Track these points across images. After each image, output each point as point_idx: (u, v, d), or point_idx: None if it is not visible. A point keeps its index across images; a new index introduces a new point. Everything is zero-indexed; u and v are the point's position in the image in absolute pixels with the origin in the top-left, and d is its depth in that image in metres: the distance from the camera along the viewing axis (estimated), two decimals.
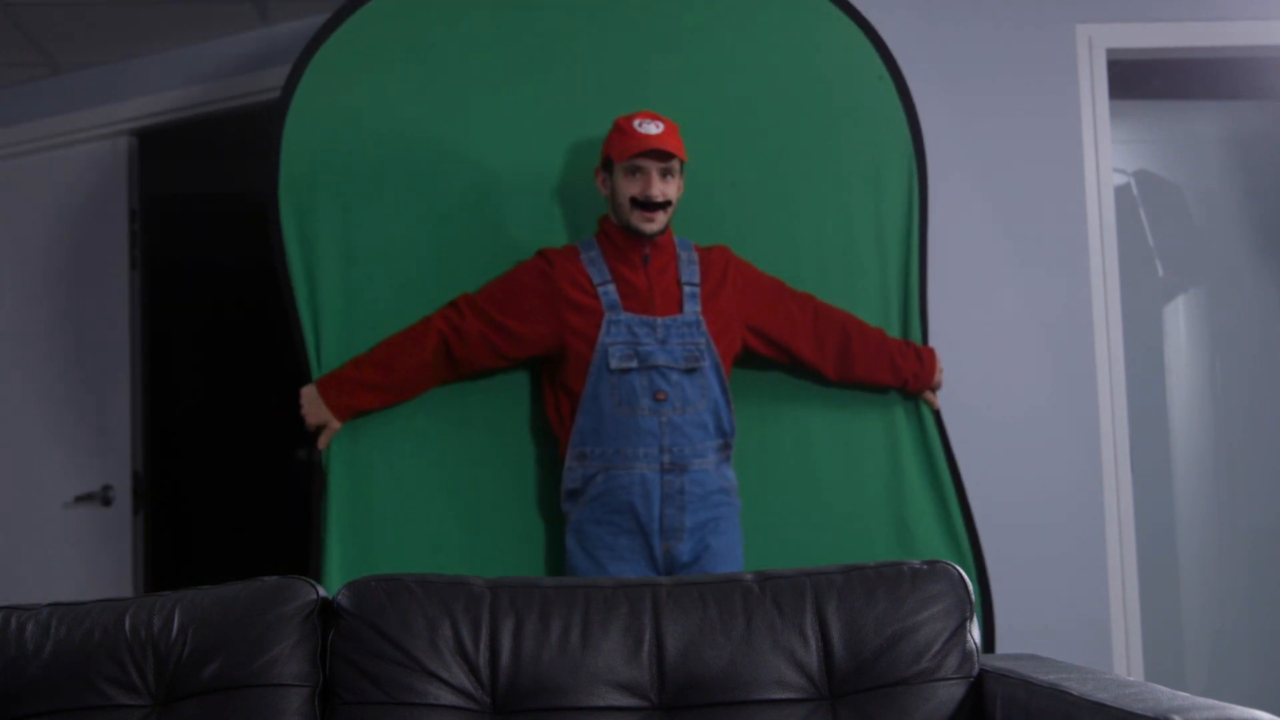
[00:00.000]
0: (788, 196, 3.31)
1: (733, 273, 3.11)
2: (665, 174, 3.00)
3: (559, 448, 3.05)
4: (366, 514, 3.10)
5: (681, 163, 3.04)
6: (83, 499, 4.28)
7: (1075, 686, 1.90)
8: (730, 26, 3.35)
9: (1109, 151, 3.76)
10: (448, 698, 2.08)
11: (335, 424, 3.08)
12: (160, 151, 4.76)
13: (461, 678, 2.09)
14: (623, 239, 3.04)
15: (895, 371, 3.22)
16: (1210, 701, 1.74)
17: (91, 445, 4.32)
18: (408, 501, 3.12)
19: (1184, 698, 1.78)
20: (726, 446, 3.04)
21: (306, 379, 3.13)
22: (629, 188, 2.99)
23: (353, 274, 3.16)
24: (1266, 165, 4.23)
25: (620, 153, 3.00)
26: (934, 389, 3.28)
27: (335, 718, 2.10)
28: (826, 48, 3.37)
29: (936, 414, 3.29)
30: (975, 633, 2.16)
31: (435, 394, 3.10)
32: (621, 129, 3.02)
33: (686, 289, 3.03)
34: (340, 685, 2.10)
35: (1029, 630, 3.32)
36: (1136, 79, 4.13)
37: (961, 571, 2.20)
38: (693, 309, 3.02)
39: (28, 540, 4.36)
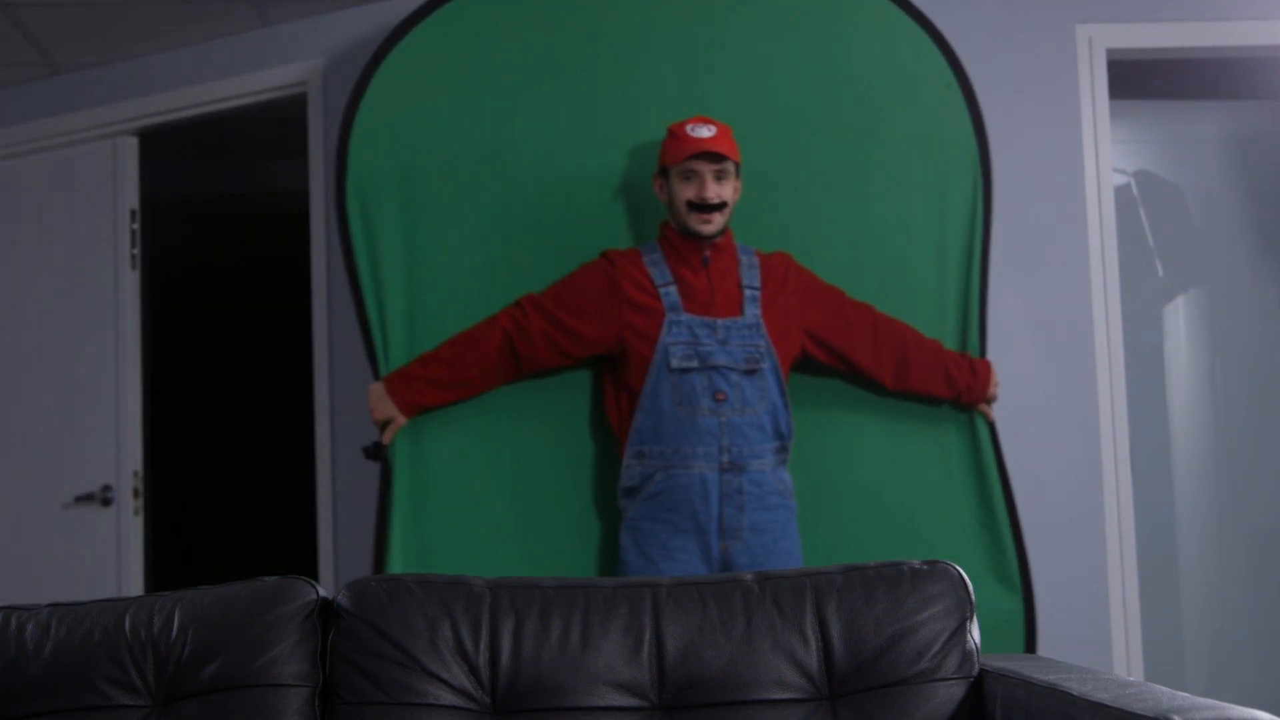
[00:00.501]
0: (851, 204, 3.33)
1: (793, 279, 3.15)
2: (720, 176, 3.04)
3: (618, 446, 3.09)
4: (429, 508, 3.18)
5: (736, 165, 3.07)
6: (83, 499, 4.28)
7: (1075, 686, 1.90)
8: (795, 31, 3.37)
9: (1109, 151, 3.76)
10: (448, 698, 2.08)
11: (401, 419, 3.16)
12: (160, 151, 4.76)
13: (461, 678, 2.09)
14: (683, 242, 3.08)
15: (950, 384, 3.25)
16: (1210, 701, 1.74)
17: (91, 445, 4.32)
18: (468, 496, 3.20)
19: (1184, 698, 1.78)
20: (784, 449, 3.07)
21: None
22: (684, 191, 3.04)
23: (418, 275, 3.23)
24: (1266, 165, 4.23)
25: (673, 157, 3.05)
26: (989, 401, 3.31)
27: (335, 718, 2.10)
28: (895, 55, 3.39)
29: (991, 426, 3.31)
30: (975, 633, 2.16)
31: (497, 391, 3.16)
32: (674, 134, 3.07)
33: (747, 292, 3.07)
34: (340, 685, 2.10)
35: None
36: (1136, 79, 4.13)
37: (961, 571, 2.20)
38: (753, 312, 3.05)
39: (28, 540, 4.36)
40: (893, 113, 3.35)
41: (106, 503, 4.25)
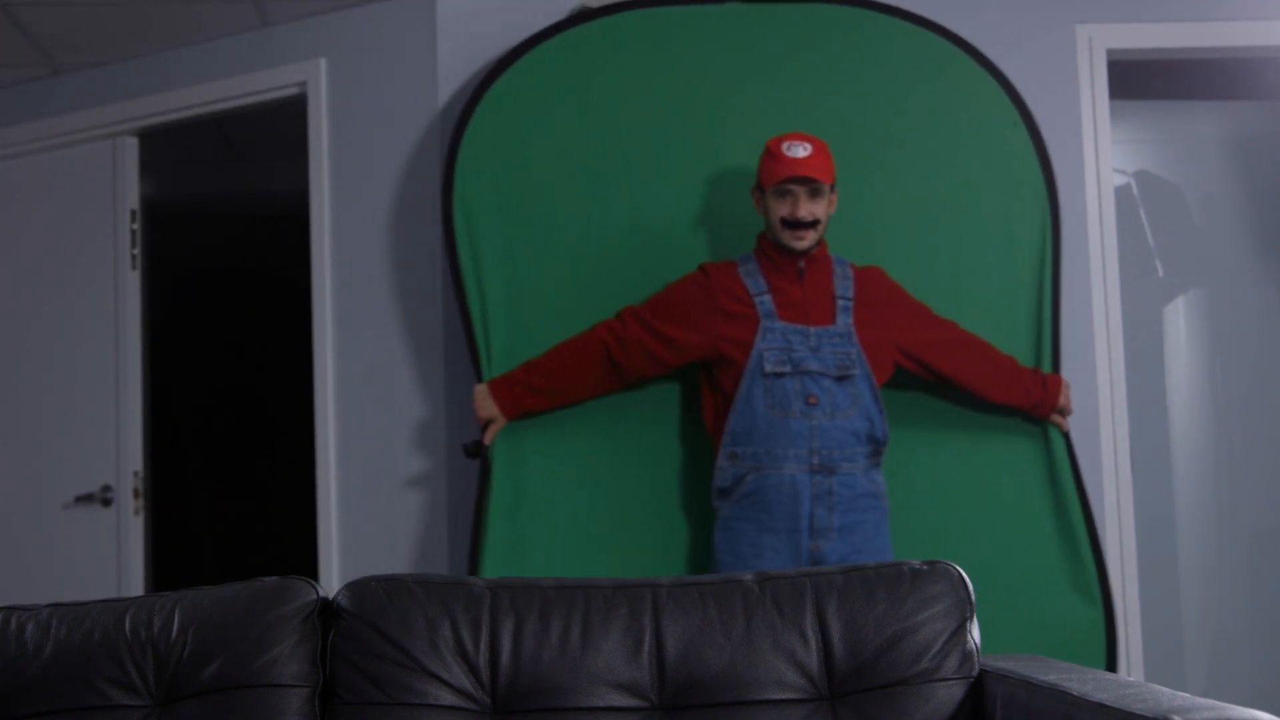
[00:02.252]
0: (927, 230, 3.52)
1: (885, 292, 3.28)
2: (814, 194, 3.15)
3: (712, 448, 3.21)
4: (524, 507, 3.37)
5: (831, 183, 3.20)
6: (83, 499, 4.28)
7: (1075, 686, 1.90)
8: (869, 71, 3.58)
9: (1109, 151, 3.76)
10: (448, 698, 2.08)
11: (502, 420, 3.34)
12: (160, 151, 4.76)
13: (461, 678, 2.09)
14: (778, 254, 3.20)
15: (1025, 395, 3.40)
16: (1210, 702, 1.74)
17: (91, 445, 4.32)
18: (563, 496, 3.39)
19: (1184, 698, 1.78)
20: (877, 453, 3.17)
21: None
22: (779, 208, 3.15)
23: (521, 284, 3.45)
24: (1267, 165, 4.23)
25: (769, 177, 3.17)
26: (1062, 413, 3.44)
27: (335, 718, 2.09)
28: (962, 97, 3.58)
29: (1066, 437, 3.45)
30: (975, 633, 2.16)
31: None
32: (771, 153, 3.19)
33: (840, 302, 3.18)
34: (340, 685, 2.10)
35: None
36: (1136, 79, 4.13)
37: (961, 571, 2.19)
38: (845, 321, 3.17)
39: (28, 540, 4.36)
40: (961, 147, 3.56)
41: (106, 503, 4.25)
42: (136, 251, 4.35)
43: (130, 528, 4.24)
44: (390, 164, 3.92)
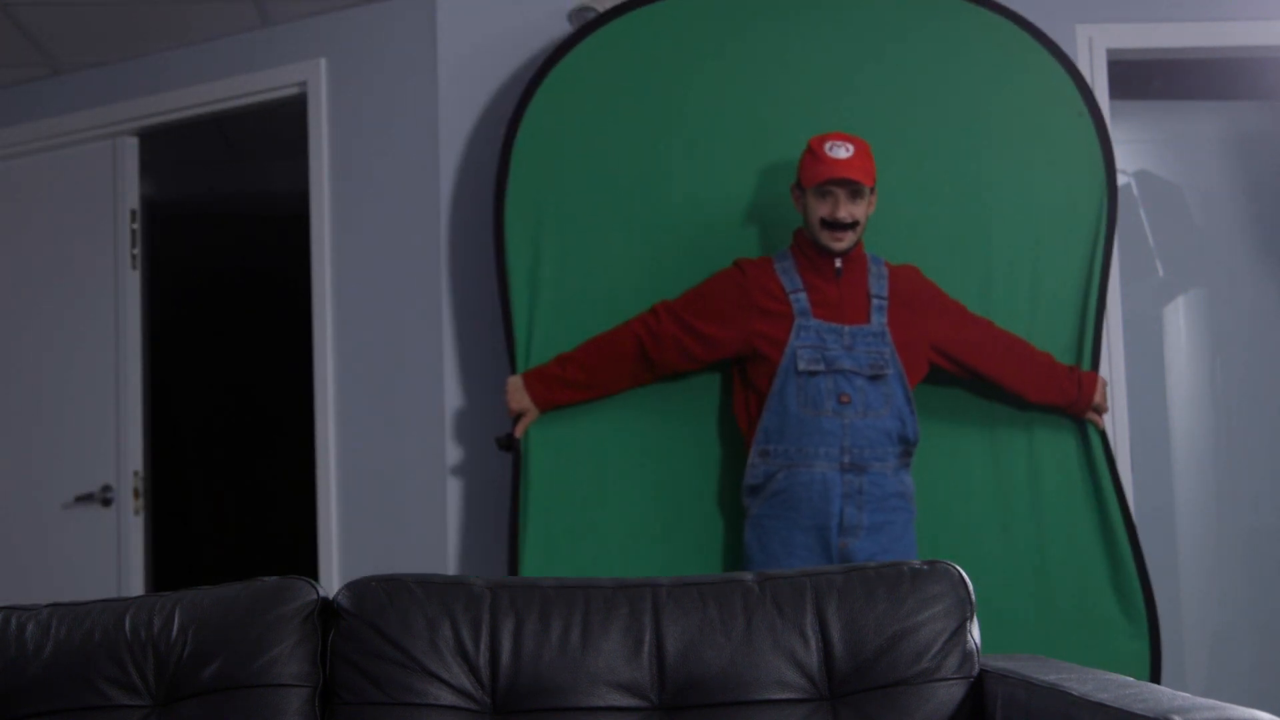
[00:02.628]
0: (980, 220, 3.48)
1: (919, 291, 3.28)
2: (854, 195, 3.16)
3: (744, 445, 3.22)
4: (561, 501, 3.38)
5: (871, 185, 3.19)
6: (83, 499, 4.28)
7: (1075, 686, 1.90)
8: (932, 53, 3.53)
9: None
10: (448, 698, 2.08)
11: (535, 413, 3.36)
12: (161, 151, 4.76)
13: (461, 678, 2.09)
14: (815, 253, 3.20)
15: (1061, 394, 3.40)
16: (1210, 701, 1.74)
17: (91, 445, 4.32)
18: (596, 490, 3.39)
19: (1184, 698, 1.78)
20: (907, 454, 3.18)
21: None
22: (819, 208, 3.16)
23: (566, 279, 3.44)
24: (1266, 165, 4.23)
25: (810, 176, 3.16)
26: (1098, 411, 3.44)
27: (335, 718, 2.09)
28: (1027, 80, 3.54)
29: (1103, 435, 3.44)
30: (975, 633, 2.16)
31: (630, 391, 3.37)
32: (814, 152, 3.18)
33: (874, 301, 3.19)
34: (340, 685, 2.10)
35: None
36: (1136, 79, 4.13)
37: (961, 571, 2.19)
38: (879, 321, 3.18)
39: (28, 540, 4.36)
40: (1023, 135, 3.52)
41: (106, 503, 4.25)
42: (136, 251, 4.35)
43: (130, 528, 4.24)
44: (390, 164, 3.92)
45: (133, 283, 4.33)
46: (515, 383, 3.36)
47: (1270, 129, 4.28)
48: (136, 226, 4.36)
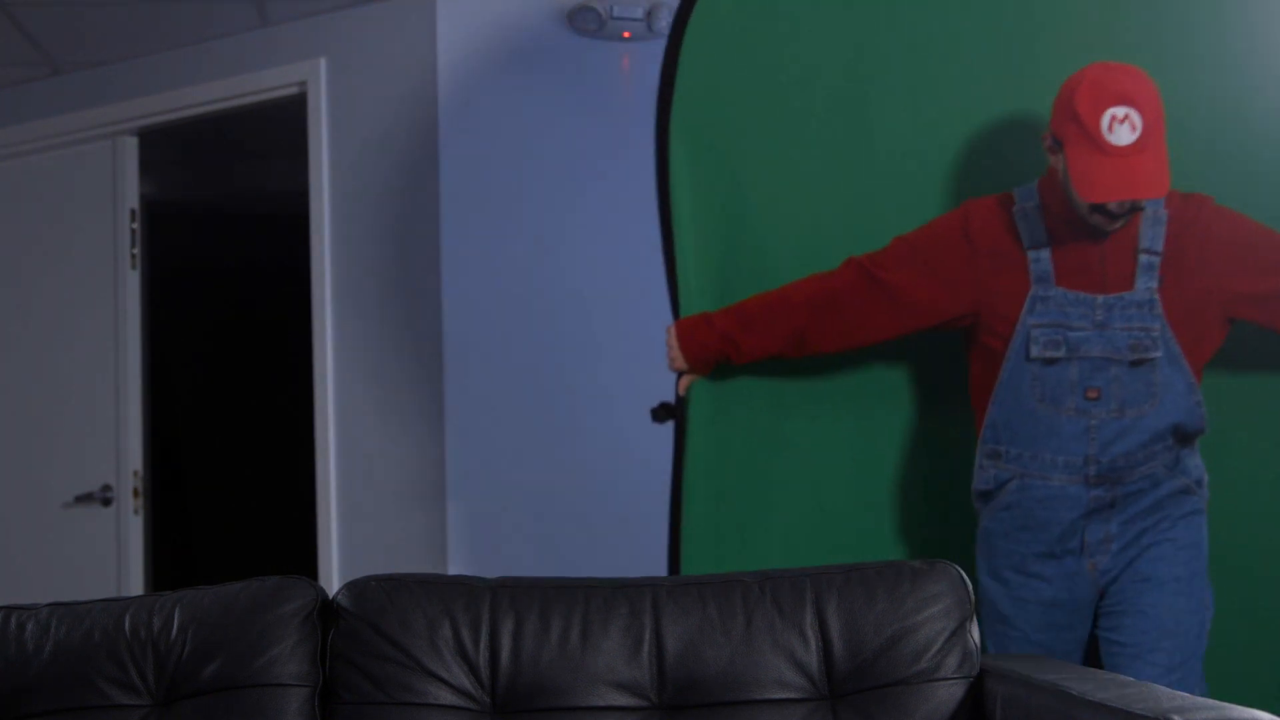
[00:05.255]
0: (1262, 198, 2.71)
1: (1210, 236, 2.54)
2: None
3: (975, 429, 2.63)
4: (731, 482, 2.81)
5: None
6: (83, 499, 4.28)
7: (1075, 686, 1.90)
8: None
9: None
10: (448, 698, 2.08)
11: (692, 375, 2.77)
12: (160, 151, 4.76)
13: (461, 678, 2.09)
14: (1071, 204, 2.51)
15: None
16: (1210, 701, 1.74)
17: (91, 445, 4.32)
18: (780, 474, 2.81)
19: (1184, 698, 1.78)
20: (1187, 441, 2.58)
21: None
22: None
23: (742, 222, 2.81)
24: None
25: (1078, 169, 2.45)
26: None
27: (335, 718, 2.10)
28: None
29: None
30: (975, 632, 2.16)
31: (810, 363, 2.77)
32: (1082, 123, 2.44)
33: (1142, 259, 2.51)
34: (340, 685, 2.10)
35: None
36: None
37: (961, 571, 2.19)
38: (1146, 285, 2.50)
39: (28, 540, 4.36)
40: None
41: (106, 503, 4.25)
42: (136, 251, 4.35)
43: (130, 528, 4.24)
44: (390, 164, 3.92)
45: (133, 283, 4.33)
46: (674, 333, 2.75)
47: None
48: (136, 226, 4.36)
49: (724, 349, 2.71)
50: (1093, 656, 2.68)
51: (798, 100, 2.81)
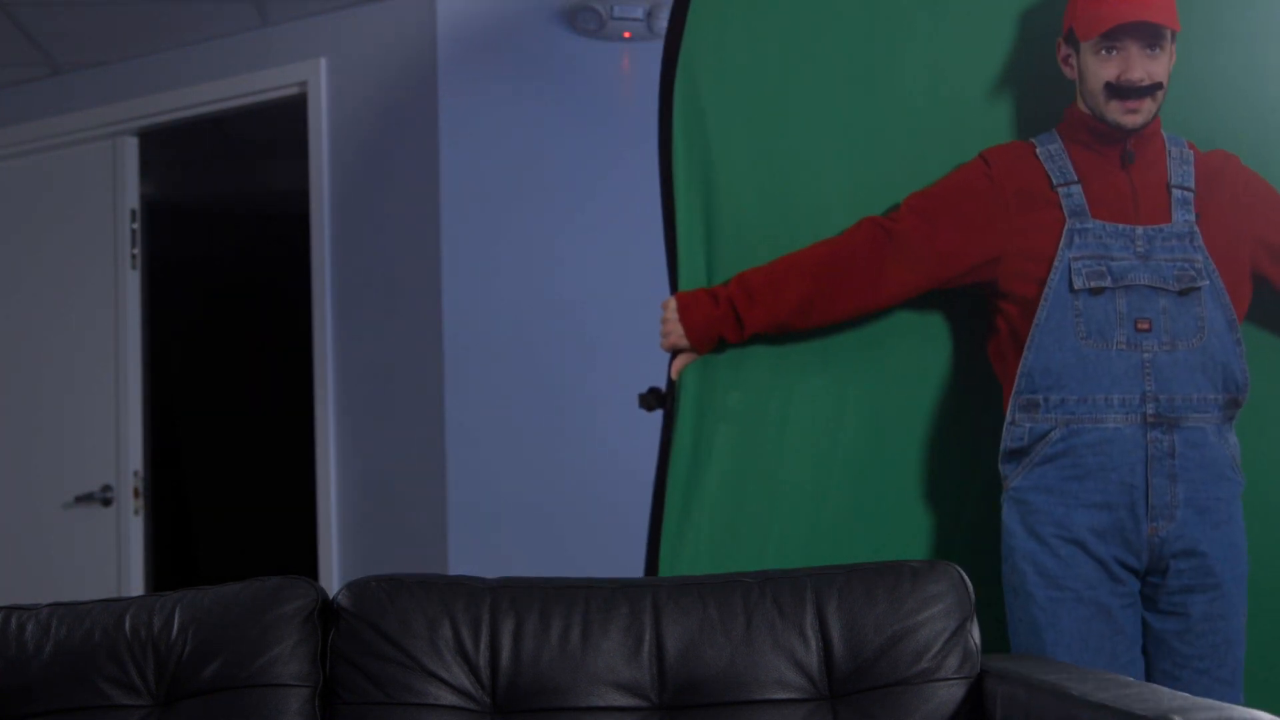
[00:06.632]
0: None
1: (1238, 183, 2.50)
2: (1153, 44, 2.39)
3: (1002, 396, 2.45)
4: (708, 475, 2.60)
5: (1174, 32, 2.41)
6: (83, 499, 4.28)
7: (1075, 686, 1.90)
8: None
9: None
10: (448, 698, 2.08)
11: (692, 352, 2.57)
12: (160, 151, 4.76)
13: (461, 678, 2.09)
14: (1094, 134, 2.45)
15: None
16: (1210, 701, 1.74)
17: (91, 445, 4.32)
18: (779, 461, 2.60)
19: (1184, 698, 1.78)
20: (1235, 403, 2.47)
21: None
22: (1103, 69, 2.40)
23: (755, 176, 2.61)
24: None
25: (1087, 25, 2.39)
26: None
27: (335, 718, 2.10)
28: None
29: None
30: (975, 632, 2.16)
31: (819, 339, 2.57)
32: None
33: (1176, 193, 2.44)
34: (340, 685, 2.10)
35: None
36: None
37: (961, 571, 2.19)
38: (1184, 218, 2.42)
39: (28, 540, 4.36)
40: None
41: (107, 503, 4.25)
42: (136, 251, 4.35)
43: (130, 528, 4.24)
44: (390, 164, 3.92)
45: (133, 283, 4.33)
46: (673, 305, 2.55)
47: None
48: (136, 226, 4.36)
49: (727, 319, 2.52)
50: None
51: (808, 71, 2.63)
